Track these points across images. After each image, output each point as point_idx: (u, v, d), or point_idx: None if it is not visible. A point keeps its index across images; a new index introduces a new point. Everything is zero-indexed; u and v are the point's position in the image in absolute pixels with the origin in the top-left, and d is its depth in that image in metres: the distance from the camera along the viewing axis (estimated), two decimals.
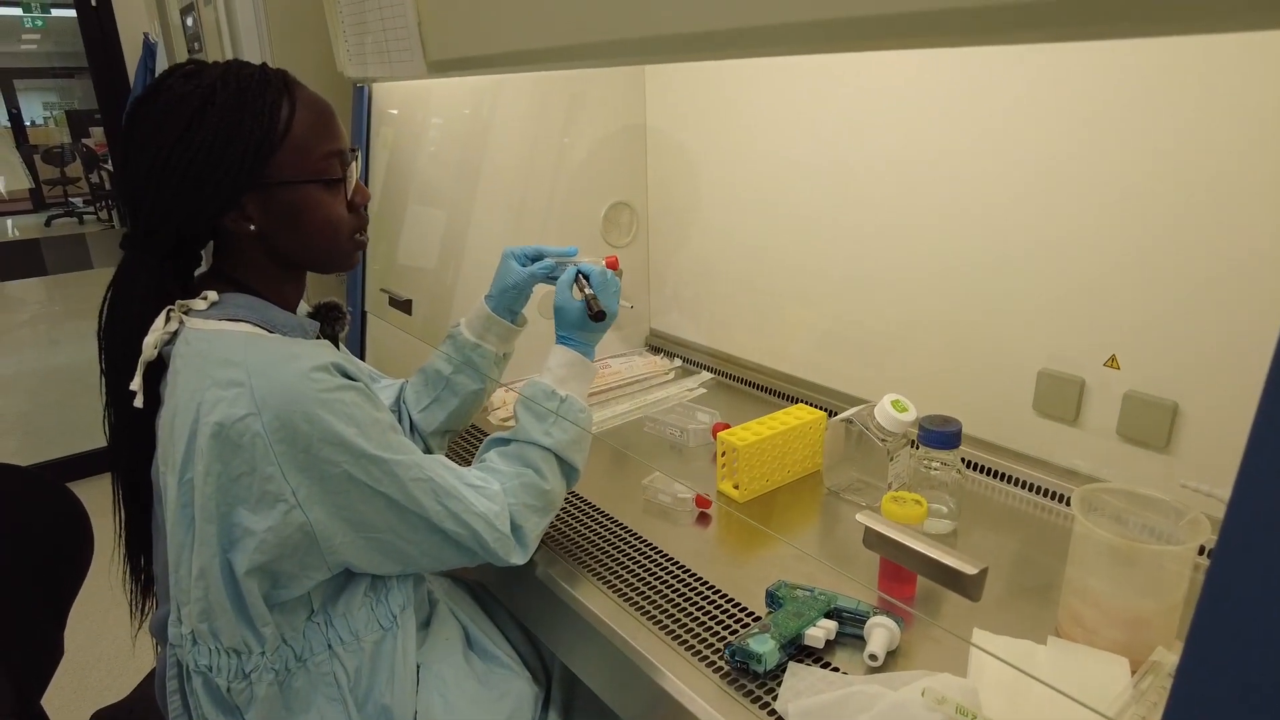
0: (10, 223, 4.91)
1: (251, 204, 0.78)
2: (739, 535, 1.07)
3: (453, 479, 0.83)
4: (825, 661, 0.80)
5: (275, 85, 0.78)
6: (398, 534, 0.79)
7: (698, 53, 0.74)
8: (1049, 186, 1.02)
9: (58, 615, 1.05)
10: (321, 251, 0.84)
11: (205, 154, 0.74)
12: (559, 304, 0.99)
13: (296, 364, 0.73)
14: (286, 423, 0.71)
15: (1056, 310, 1.05)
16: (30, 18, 7.24)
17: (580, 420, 0.95)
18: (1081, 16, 0.46)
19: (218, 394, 0.71)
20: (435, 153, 1.54)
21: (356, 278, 1.55)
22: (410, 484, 0.78)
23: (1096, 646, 0.77)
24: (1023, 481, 1.12)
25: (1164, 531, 0.79)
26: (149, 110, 0.75)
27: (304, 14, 1.50)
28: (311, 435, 0.72)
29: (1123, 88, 0.93)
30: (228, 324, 0.77)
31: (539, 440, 0.92)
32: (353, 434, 0.74)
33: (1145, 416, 0.98)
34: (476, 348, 1.08)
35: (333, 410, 0.73)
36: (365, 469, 0.75)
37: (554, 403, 0.94)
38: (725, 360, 1.59)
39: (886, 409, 1.04)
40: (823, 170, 1.31)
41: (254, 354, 0.73)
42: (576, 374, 0.97)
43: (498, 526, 0.85)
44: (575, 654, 0.96)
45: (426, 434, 1.10)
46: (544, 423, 0.93)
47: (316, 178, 0.80)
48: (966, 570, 0.68)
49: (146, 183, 0.75)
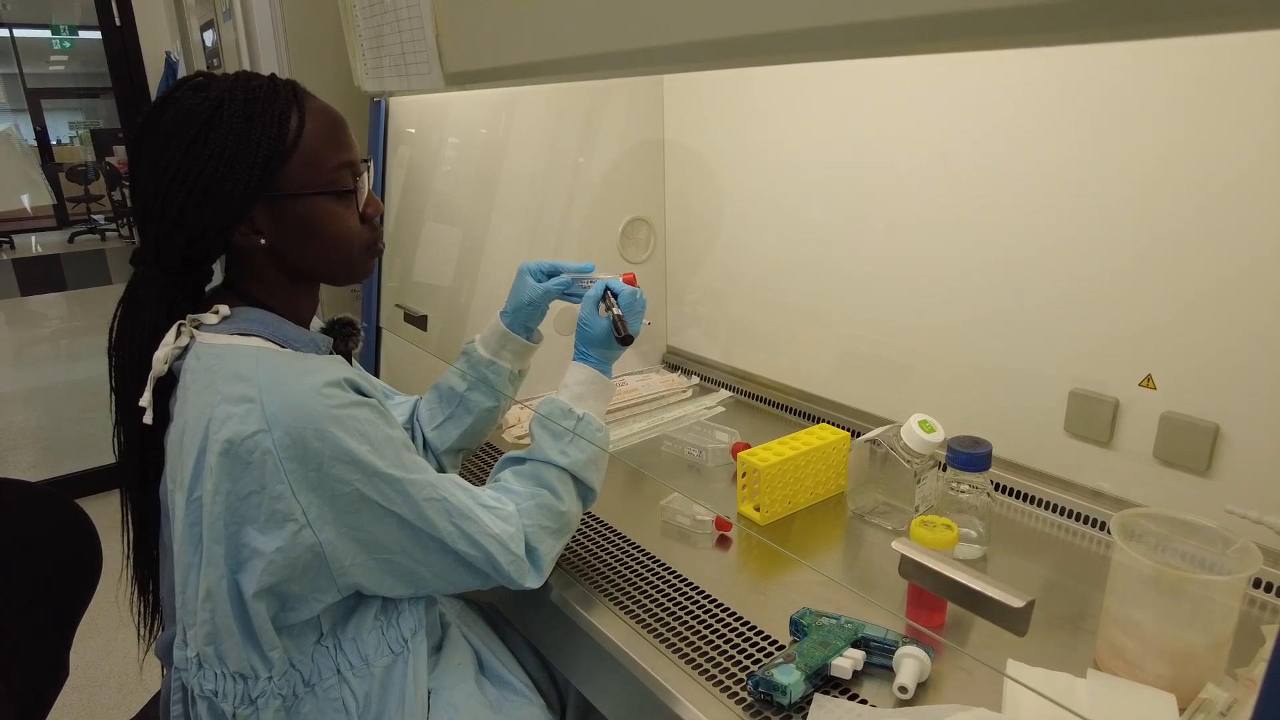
0: (34, 239, 4.97)
1: (261, 217, 0.76)
2: (761, 559, 1.03)
3: (467, 499, 0.81)
4: (853, 693, 0.77)
5: (284, 96, 0.76)
6: (410, 555, 0.77)
7: (716, 61, 0.72)
8: (1080, 201, 1.00)
9: (63, 634, 1.03)
10: (334, 263, 0.83)
11: (214, 166, 0.73)
12: (583, 319, 0.96)
13: (308, 379, 0.71)
14: (298, 439, 0.69)
15: (1089, 328, 1.02)
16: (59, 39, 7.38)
17: (597, 439, 0.93)
18: (1107, 16, 0.44)
19: (228, 410, 0.69)
20: (451, 169, 1.53)
21: (371, 294, 1.54)
22: (423, 504, 0.76)
23: (1140, 681, 0.73)
24: (1054, 505, 1.08)
25: (1210, 560, 0.75)
26: (157, 124, 0.74)
27: (321, 28, 1.50)
28: (323, 453, 0.70)
29: (1163, 92, 0.91)
30: (239, 339, 0.75)
31: (555, 460, 0.89)
32: (365, 452, 0.72)
33: (1184, 438, 0.95)
34: (491, 364, 1.06)
35: (345, 427, 0.71)
36: (377, 488, 0.73)
37: (571, 421, 0.92)
38: (744, 378, 1.57)
39: (914, 429, 1.01)
40: (844, 184, 1.29)
41: (265, 369, 0.72)
42: (595, 392, 0.95)
43: (512, 549, 0.82)
44: (591, 681, 0.93)
45: (440, 452, 1.08)
46: (560, 441, 0.91)
47: (327, 189, 0.78)
48: (1013, 603, 0.65)
49: (155, 197, 0.74)
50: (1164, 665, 0.72)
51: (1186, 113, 0.89)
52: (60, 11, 7.04)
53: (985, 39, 0.51)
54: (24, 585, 0.98)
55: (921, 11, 0.52)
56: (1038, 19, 0.47)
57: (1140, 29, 0.45)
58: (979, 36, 0.51)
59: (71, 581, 1.03)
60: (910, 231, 1.21)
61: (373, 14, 1.22)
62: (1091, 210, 0.99)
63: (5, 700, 0.83)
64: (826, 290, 1.37)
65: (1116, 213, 0.97)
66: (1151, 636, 0.72)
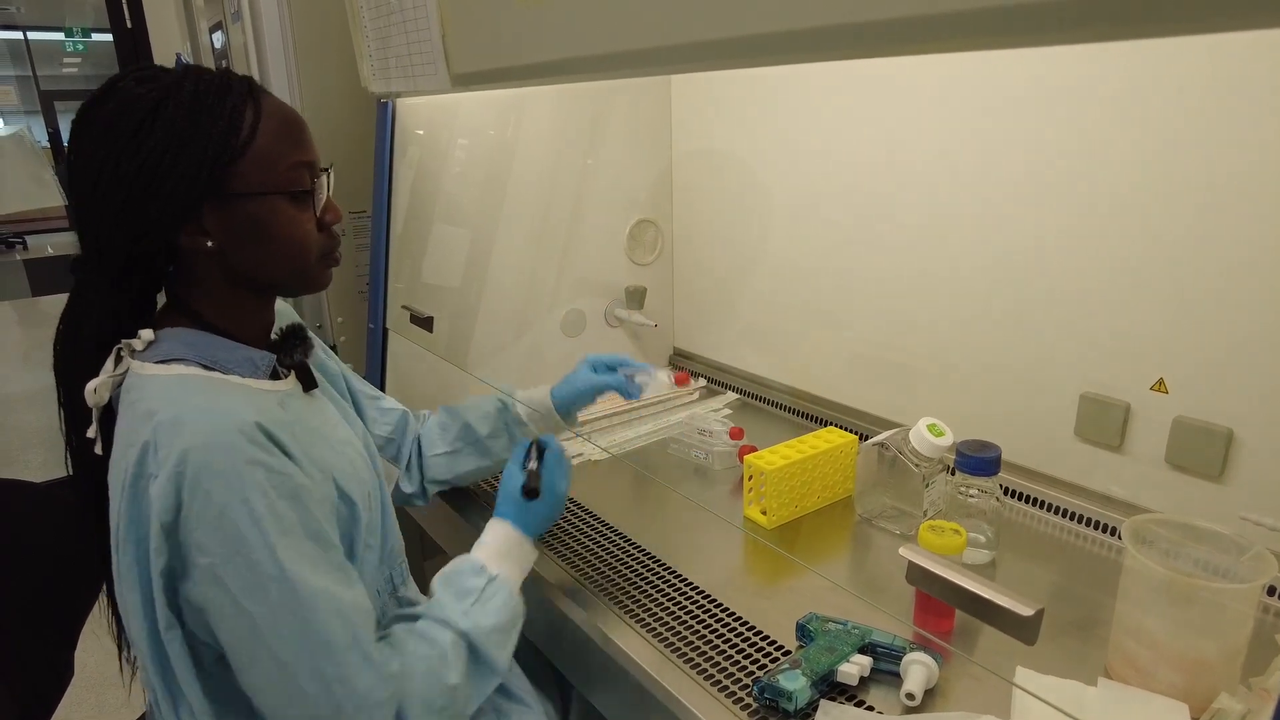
0: (46, 240, 5.00)
1: (210, 217, 0.71)
2: (767, 564, 1.03)
3: (346, 636, 0.66)
4: (859, 700, 0.76)
5: (238, 90, 0.71)
6: (241, 655, 0.65)
7: (723, 61, 0.71)
8: (1091, 204, 0.98)
9: (67, 635, 1.03)
10: (286, 271, 0.76)
11: (157, 159, 0.67)
12: (505, 473, 0.91)
13: (209, 420, 0.64)
14: (175, 487, 0.62)
15: (1100, 331, 1.01)
16: (71, 42, 7.45)
17: (509, 606, 0.81)
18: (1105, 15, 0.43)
19: (132, 453, 0.64)
20: (459, 171, 1.53)
21: (378, 295, 1.54)
22: (281, 612, 0.63)
23: (1152, 690, 0.72)
24: (1064, 510, 1.07)
25: (1223, 567, 0.74)
26: (97, 114, 0.69)
27: (329, 30, 1.50)
28: (191, 509, 0.62)
29: (1177, 92, 0.89)
30: (161, 368, 0.69)
31: (454, 621, 0.76)
32: (241, 519, 0.62)
33: (1197, 443, 0.93)
34: (523, 427, 1.07)
35: (231, 487, 0.62)
36: (237, 571, 0.63)
37: (480, 580, 0.80)
38: (751, 380, 1.56)
39: (922, 433, 1.00)
40: (853, 186, 1.28)
41: (170, 406, 0.65)
42: (512, 553, 0.85)
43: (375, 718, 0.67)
44: (594, 687, 0.92)
45: (430, 478, 1.07)
46: (463, 602, 0.78)
47: (282, 189, 0.73)
48: (1022, 612, 0.64)
49: (95, 192, 0.68)
50: (1177, 674, 0.71)
51: (1201, 113, 0.87)
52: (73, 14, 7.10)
53: (998, 37, 0.50)
54: (26, 586, 0.98)
55: (932, 10, 0.51)
56: (1051, 16, 0.46)
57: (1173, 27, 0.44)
58: (993, 35, 0.50)
59: (75, 582, 1.03)
60: (919, 234, 1.20)
61: (379, 15, 1.22)
62: (1103, 213, 0.98)
63: (7, 700, 0.82)
64: (834, 292, 1.36)
65: (1128, 215, 0.95)
66: (1164, 645, 0.71)
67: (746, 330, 1.57)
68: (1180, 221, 0.91)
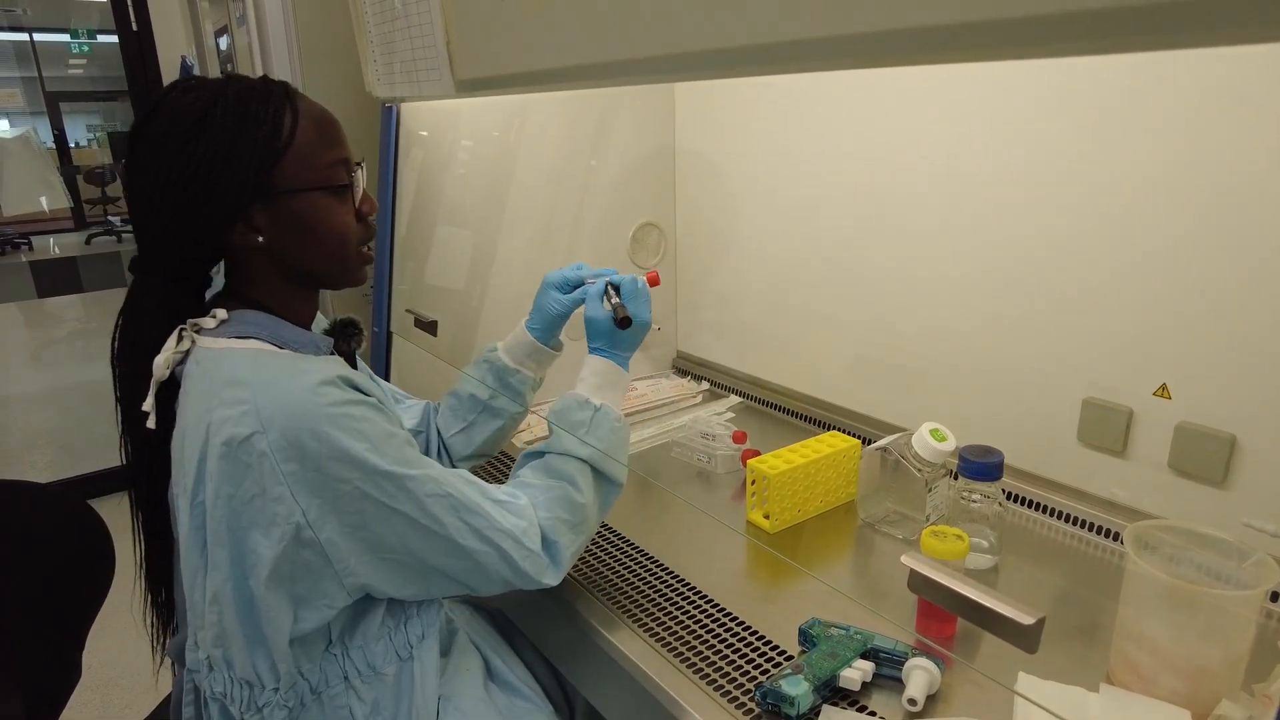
0: (52, 240, 5.01)
1: (259, 215, 0.76)
2: (770, 568, 1.03)
3: (475, 494, 0.79)
4: (861, 705, 0.76)
5: (277, 95, 0.76)
6: (416, 554, 0.76)
7: (726, 70, 0.72)
8: (1094, 208, 0.99)
9: (75, 635, 1.04)
10: (330, 262, 0.82)
11: (208, 165, 0.72)
12: (589, 316, 0.97)
13: (302, 379, 0.71)
14: (294, 440, 0.68)
15: (1102, 336, 1.01)
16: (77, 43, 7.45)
17: (617, 429, 0.91)
18: (1116, 28, 0.43)
19: (224, 413, 0.69)
20: (463, 174, 1.53)
21: (382, 298, 1.54)
22: (428, 500, 0.74)
23: (1154, 696, 0.72)
24: (1067, 515, 1.07)
25: (1226, 573, 0.74)
26: (150, 129, 0.74)
27: (333, 34, 1.51)
28: (320, 452, 0.69)
29: (1178, 99, 0.90)
30: (236, 342, 0.75)
31: (573, 450, 0.88)
32: (363, 449, 0.71)
33: (1200, 449, 0.93)
34: (516, 373, 1.07)
35: (341, 426, 0.70)
36: (379, 485, 0.72)
37: (588, 412, 0.91)
38: (754, 384, 1.56)
39: (925, 438, 1.00)
40: (855, 190, 1.28)
41: (260, 371, 0.72)
42: (611, 383, 0.94)
43: (526, 544, 0.80)
44: (599, 690, 0.93)
45: (459, 458, 1.09)
46: (577, 432, 0.89)
47: (324, 184, 0.78)
48: (1023, 620, 0.64)
49: (152, 199, 0.74)
50: (1179, 680, 0.71)
51: (1203, 119, 0.87)
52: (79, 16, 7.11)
53: (997, 49, 0.50)
54: (34, 587, 0.98)
55: (934, 21, 0.51)
56: (1047, 29, 0.46)
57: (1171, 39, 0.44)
58: (992, 46, 0.50)
59: (83, 583, 1.04)
60: (922, 238, 1.20)
61: (384, 20, 1.22)
62: (1106, 218, 0.98)
63: (16, 701, 0.83)
64: (837, 296, 1.36)
65: (1131, 220, 0.95)
66: (1166, 651, 0.71)
67: (749, 334, 1.57)
68: (1183, 227, 0.91)
